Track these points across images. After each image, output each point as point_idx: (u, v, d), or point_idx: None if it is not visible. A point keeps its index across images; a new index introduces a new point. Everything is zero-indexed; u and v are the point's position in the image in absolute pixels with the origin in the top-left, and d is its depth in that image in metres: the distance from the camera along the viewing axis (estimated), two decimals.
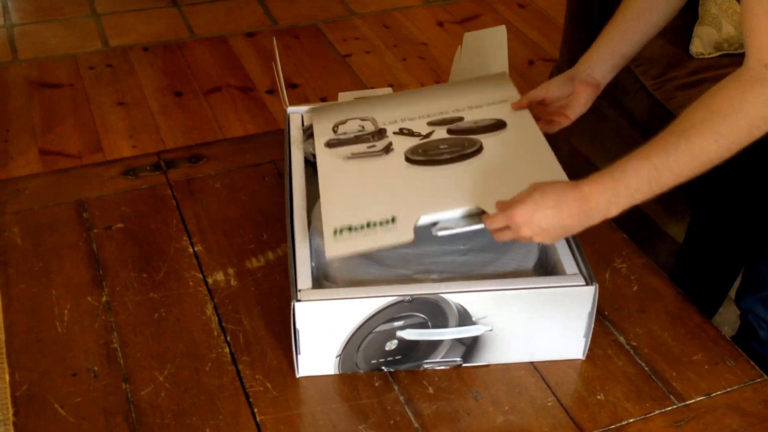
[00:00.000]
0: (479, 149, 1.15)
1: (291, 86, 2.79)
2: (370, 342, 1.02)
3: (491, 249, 1.10)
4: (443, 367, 1.06)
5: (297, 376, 1.04)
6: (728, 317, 1.79)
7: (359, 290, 1.01)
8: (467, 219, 1.05)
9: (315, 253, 1.08)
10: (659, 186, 0.95)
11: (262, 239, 1.25)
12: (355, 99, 1.35)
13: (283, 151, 1.26)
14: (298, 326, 1.00)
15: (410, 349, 1.04)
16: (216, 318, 1.12)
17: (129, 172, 1.39)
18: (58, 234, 1.26)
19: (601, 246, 1.24)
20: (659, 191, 0.96)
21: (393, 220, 1.05)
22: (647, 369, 1.07)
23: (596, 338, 1.08)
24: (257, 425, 0.99)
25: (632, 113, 1.95)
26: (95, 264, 1.21)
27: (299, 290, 1.00)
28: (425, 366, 1.06)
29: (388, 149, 1.18)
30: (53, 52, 2.99)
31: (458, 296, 1.00)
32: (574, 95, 1.20)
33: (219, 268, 1.20)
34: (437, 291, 1.00)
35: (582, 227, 1.00)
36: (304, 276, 1.02)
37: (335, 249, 1.03)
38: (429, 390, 1.03)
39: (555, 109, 1.22)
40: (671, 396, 1.03)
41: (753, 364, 1.07)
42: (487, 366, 1.06)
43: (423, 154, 1.16)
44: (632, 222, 1.19)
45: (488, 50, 1.37)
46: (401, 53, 3.01)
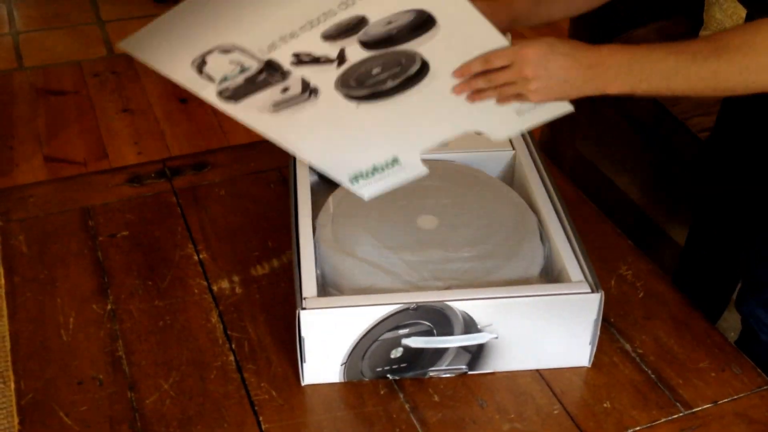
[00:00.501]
0: (424, 66, 0.95)
1: None
2: (376, 350, 1.02)
3: (496, 256, 1.10)
4: (449, 375, 1.06)
5: (302, 384, 1.04)
6: (733, 323, 1.78)
7: (364, 298, 1.01)
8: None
9: (320, 261, 1.08)
10: (667, 87, 0.93)
11: (267, 246, 1.25)
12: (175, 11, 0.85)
13: (288, 158, 1.26)
14: (303, 334, 1.00)
15: (415, 357, 1.04)
16: (221, 326, 1.12)
17: (134, 180, 1.39)
18: (63, 242, 1.26)
19: (607, 252, 1.24)
20: (663, 92, 0.94)
21: (397, 161, 1.02)
22: (653, 376, 1.06)
23: (602, 345, 1.08)
24: None
25: (637, 118, 1.95)
26: (100, 272, 1.21)
27: (304, 298, 1.00)
28: (431, 374, 1.05)
29: (310, 91, 0.94)
30: (58, 60, 3.00)
31: (464, 304, 1.00)
32: None
33: (224, 276, 1.20)
34: (442, 298, 1.00)
35: (581, 91, 0.95)
36: (309, 284, 1.02)
37: (367, 191, 0.99)
38: (434, 398, 1.03)
39: None
40: (678, 403, 1.03)
41: (759, 372, 1.07)
42: (493, 374, 1.06)
43: (363, 87, 0.96)
44: (637, 227, 1.19)
45: None
46: None
